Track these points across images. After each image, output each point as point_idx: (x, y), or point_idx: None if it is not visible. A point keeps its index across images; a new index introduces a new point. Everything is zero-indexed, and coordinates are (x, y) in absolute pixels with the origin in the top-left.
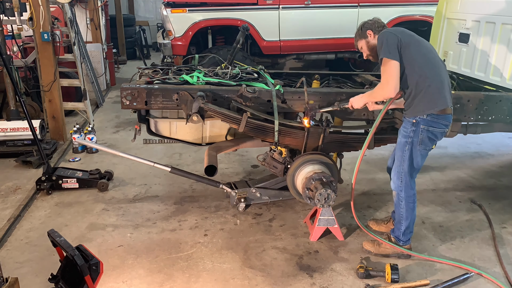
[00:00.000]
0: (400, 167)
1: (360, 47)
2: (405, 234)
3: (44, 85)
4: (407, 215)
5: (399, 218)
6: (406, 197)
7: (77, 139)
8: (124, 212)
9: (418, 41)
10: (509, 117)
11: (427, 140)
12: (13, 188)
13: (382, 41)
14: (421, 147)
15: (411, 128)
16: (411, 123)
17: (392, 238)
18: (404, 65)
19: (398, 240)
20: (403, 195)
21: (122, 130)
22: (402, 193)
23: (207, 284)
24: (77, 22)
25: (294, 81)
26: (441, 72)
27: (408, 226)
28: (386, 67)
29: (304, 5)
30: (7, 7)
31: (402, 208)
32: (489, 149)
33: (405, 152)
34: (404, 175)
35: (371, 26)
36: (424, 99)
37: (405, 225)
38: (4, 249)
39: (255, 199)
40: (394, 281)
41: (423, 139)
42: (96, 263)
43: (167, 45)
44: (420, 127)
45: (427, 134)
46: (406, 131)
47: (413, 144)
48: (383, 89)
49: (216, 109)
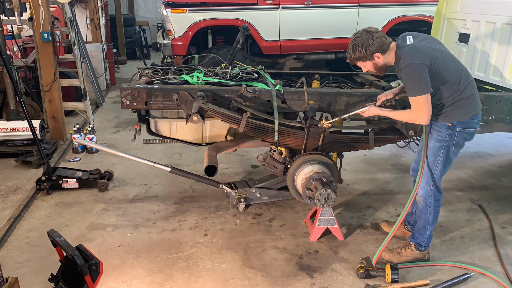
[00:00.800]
0: (431, 173)
1: (363, 66)
2: (428, 240)
3: (44, 85)
4: (433, 220)
5: (425, 223)
6: (434, 202)
7: (77, 139)
8: (124, 212)
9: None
10: (509, 117)
11: (462, 141)
12: (13, 188)
13: (413, 77)
14: (456, 149)
15: (446, 132)
16: (446, 127)
17: (412, 244)
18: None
19: (420, 246)
20: (431, 200)
21: (122, 130)
22: (431, 199)
23: (207, 284)
24: (77, 22)
25: (294, 81)
26: (468, 77)
27: (431, 231)
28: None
29: (304, 5)
30: (7, 7)
31: (429, 214)
32: (489, 149)
33: (439, 157)
34: (434, 180)
35: (378, 48)
36: (461, 107)
37: (430, 231)
38: (4, 249)
39: (255, 199)
40: (394, 281)
41: (458, 141)
42: (96, 263)
43: (167, 45)
44: (457, 130)
45: (463, 135)
46: (441, 135)
47: (449, 148)
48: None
49: (216, 109)
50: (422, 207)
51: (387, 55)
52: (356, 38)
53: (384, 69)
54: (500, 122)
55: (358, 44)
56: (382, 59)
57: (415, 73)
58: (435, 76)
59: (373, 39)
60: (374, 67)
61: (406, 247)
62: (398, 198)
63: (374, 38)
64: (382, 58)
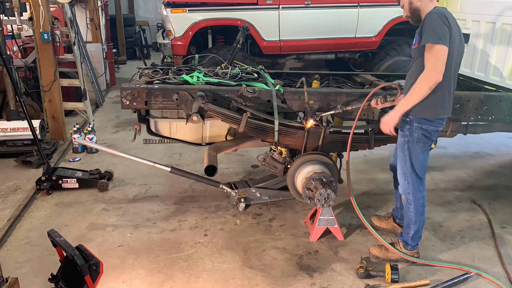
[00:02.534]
0: (404, 168)
1: (402, 5)
2: (414, 239)
3: (44, 85)
4: (416, 219)
5: (408, 222)
6: (414, 200)
7: (77, 139)
8: (124, 212)
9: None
10: (509, 117)
11: (423, 138)
12: (13, 188)
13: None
14: (419, 145)
15: (405, 126)
16: (404, 121)
17: (400, 242)
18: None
19: (406, 245)
20: (411, 197)
21: (122, 130)
22: (410, 196)
23: (207, 284)
24: (77, 22)
25: (294, 81)
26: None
27: (417, 230)
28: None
29: (304, 5)
30: (7, 7)
31: (411, 212)
32: (489, 149)
33: (405, 151)
34: (409, 175)
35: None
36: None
37: (413, 230)
38: (4, 249)
39: (255, 199)
40: (394, 281)
41: (419, 137)
42: (96, 263)
43: (167, 45)
44: (414, 125)
45: (421, 131)
46: (402, 130)
47: (410, 143)
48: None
49: (216, 109)
50: (404, 205)
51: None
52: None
53: (417, 16)
54: (500, 122)
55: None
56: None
57: (442, 22)
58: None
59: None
60: (409, 6)
61: (395, 245)
62: None
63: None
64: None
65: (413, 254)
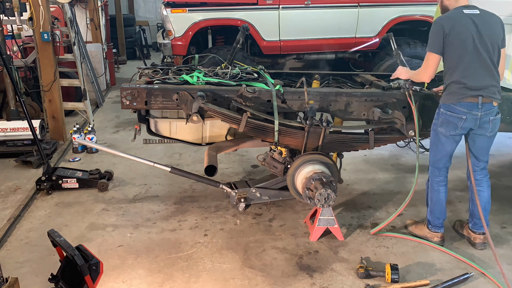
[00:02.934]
0: (430, 154)
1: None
2: (432, 219)
3: (44, 85)
4: (431, 198)
5: (427, 201)
6: (432, 180)
7: (77, 139)
8: (124, 212)
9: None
10: (509, 117)
11: (446, 123)
12: (13, 188)
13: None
14: (442, 128)
15: (438, 111)
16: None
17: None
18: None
19: (428, 224)
20: (431, 178)
21: (122, 130)
22: (431, 177)
23: (207, 284)
24: (77, 22)
25: (294, 81)
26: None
27: (432, 210)
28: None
29: (304, 5)
30: (7, 7)
31: (429, 191)
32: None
33: (432, 138)
34: (430, 162)
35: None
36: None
37: (430, 208)
38: (4, 249)
39: (255, 199)
40: (394, 281)
41: (443, 122)
42: (96, 263)
43: (167, 45)
44: (440, 110)
45: (446, 117)
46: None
47: (435, 125)
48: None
49: (216, 109)
50: (428, 185)
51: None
52: None
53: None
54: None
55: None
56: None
57: (432, 30)
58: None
59: None
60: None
61: (423, 223)
62: (398, 198)
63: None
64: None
65: (432, 236)
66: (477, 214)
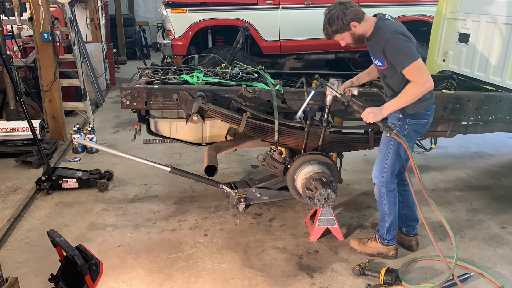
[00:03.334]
0: (383, 162)
1: (341, 39)
2: (389, 232)
3: (44, 85)
4: (390, 211)
5: (383, 215)
6: (387, 192)
7: (77, 139)
8: (124, 212)
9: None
10: (509, 117)
11: (412, 133)
12: (13, 188)
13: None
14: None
15: (397, 123)
16: (397, 119)
17: (377, 237)
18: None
19: (383, 239)
20: (384, 190)
21: (122, 130)
22: (383, 189)
23: (207, 284)
24: (77, 22)
25: (294, 81)
26: None
27: (392, 223)
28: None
29: (304, 5)
30: (7, 7)
31: (384, 204)
32: (489, 149)
33: (390, 147)
34: (386, 171)
35: (354, 17)
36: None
37: (388, 222)
38: (4, 249)
39: (255, 199)
40: (386, 282)
41: (409, 133)
42: (96, 263)
43: (167, 45)
44: (407, 121)
45: (413, 127)
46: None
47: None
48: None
49: (216, 109)
50: (377, 198)
51: (363, 24)
52: (331, 11)
53: (362, 39)
54: (500, 122)
55: (333, 16)
56: (358, 28)
57: (404, 41)
58: None
59: (347, 9)
60: (352, 37)
61: (372, 239)
62: None
63: (348, 8)
64: (359, 27)
65: (389, 250)
66: (410, 217)
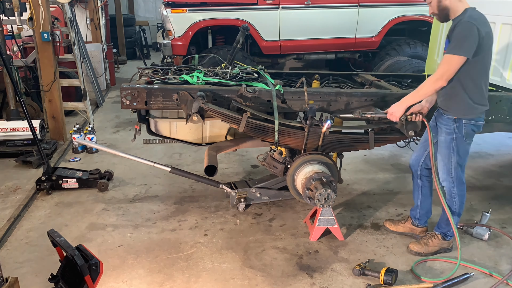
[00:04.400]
0: (449, 164)
1: (428, 3)
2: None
3: (44, 85)
4: (460, 210)
5: (452, 214)
6: (459, 192)
7: (77, 139)
8: (124, 212)
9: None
10: (509, 117)
11: (470, 131)
12: (13, 188)
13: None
14: (467, 140)
15: (453, 124)
16: (452, 120)
17: (438, 234)
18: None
19: (446, 236)
20: (455, 191)
21: (122, 130)
22: (455, 189)
23: (207, 284)
24: (77, 22)
25: (294, 81)
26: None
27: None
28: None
29: (304, 5)
30: (7, 7)
31: (455, 204)
32: (489, 149)
33: (452, 148)
34: (454, 170)
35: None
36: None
37: (457, 220)
38: (4, 249)
39: (255, 199)
40: (386, 282)
41: (467, 132)
42: (96, 263)
43: (167, 45)
44: (463, 122)
45: (470, 127)
46: (449, 128)
47: (458, 139)
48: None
49: (216, 109)
50: (448, 199)
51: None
52: None
53: (446, 15)
54: (500, 122)
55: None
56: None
57: (472, 33)
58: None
59: None
60: (438, 5)
61: (433, 238)
62: (398, 198)
63: None
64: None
65: (449, 244)
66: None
